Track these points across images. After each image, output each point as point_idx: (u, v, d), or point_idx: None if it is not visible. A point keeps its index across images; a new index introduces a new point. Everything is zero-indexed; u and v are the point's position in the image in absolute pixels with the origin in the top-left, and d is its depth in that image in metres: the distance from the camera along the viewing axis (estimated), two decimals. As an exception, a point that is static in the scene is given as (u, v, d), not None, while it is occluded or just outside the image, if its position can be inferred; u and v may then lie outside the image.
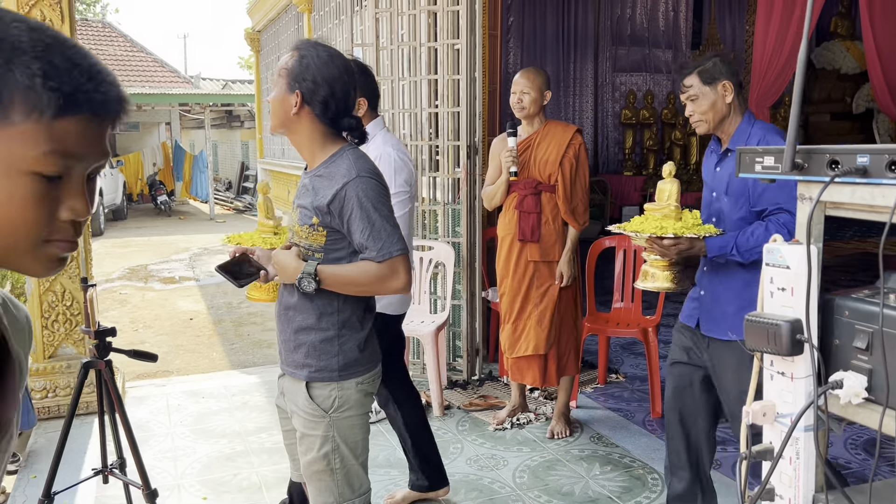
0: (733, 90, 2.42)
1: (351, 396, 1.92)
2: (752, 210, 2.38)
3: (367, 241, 1.82)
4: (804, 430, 1.13)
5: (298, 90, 1.88)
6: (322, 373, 1.91)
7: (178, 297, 8.06)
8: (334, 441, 1.91)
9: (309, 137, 1.93)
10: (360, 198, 1.83)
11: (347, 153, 1.91)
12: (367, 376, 1.97)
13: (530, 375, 3.68)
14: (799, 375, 1.14)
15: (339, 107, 1.91)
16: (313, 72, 1.88)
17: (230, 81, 22.35)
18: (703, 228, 2.37)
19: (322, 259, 1.90)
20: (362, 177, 1.85)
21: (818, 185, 1.09)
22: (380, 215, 1.83)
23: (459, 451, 3.57)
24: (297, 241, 1.95)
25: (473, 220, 4.54)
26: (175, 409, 4.20)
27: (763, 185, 2.28)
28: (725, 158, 2.48)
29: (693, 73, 2.45)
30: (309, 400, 1.91)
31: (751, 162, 1.19)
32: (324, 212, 1.87)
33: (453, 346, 4.72)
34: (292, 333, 1.95)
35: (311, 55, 1.89)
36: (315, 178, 1.92)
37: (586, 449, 3.58)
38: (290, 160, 9.63)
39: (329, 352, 1.91)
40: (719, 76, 2.41)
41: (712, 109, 2.42)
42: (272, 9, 9.90)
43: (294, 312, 1.94)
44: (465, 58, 4.40)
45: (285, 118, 1.91)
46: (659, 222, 2.40)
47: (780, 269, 1.14)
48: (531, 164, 3.56)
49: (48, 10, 3.81)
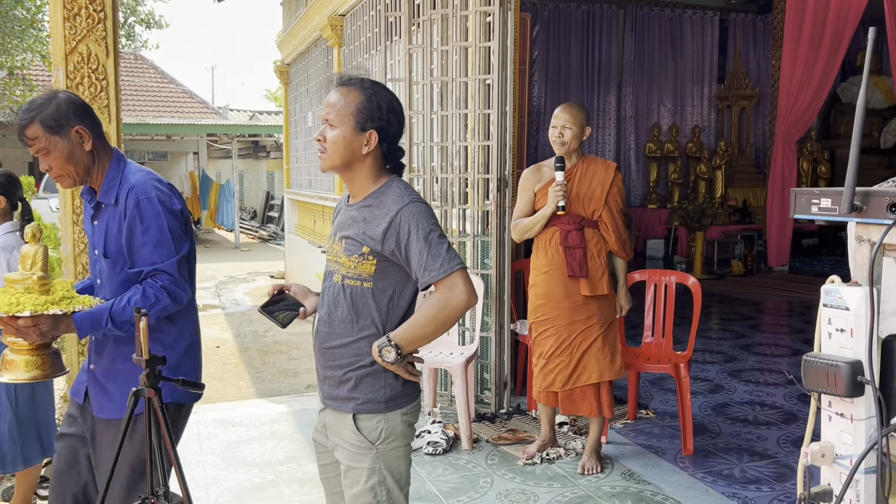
0: (89, 135, 2.12)
1: (397, 427, 1.94)
2: (130, 272, 2.11)
3: (427, 260, 1.84)
4: (864, 473, 1.13)
5: (373, 129, 1.91)
6: (369, 405, 1.92)
7: (204, 325, 8.09)
8: (381, 473, 1.92)
9: (367, 173, 1.96)
10: (416, 221, 1.86)
11: (396, 183, 1.96)
12: (410, 406, 1.98)
13: (586, 406, 3.65)
14: (859, 417, 1.13)
15: (399, 140, 1.99)
16: (385, 110, 1.92)
17: (257, 113, 22.72)
18: (78, 301, 2.03)
19: (371, 288, 1.92)
20: (415, 202, 1.90)
21: (878, 228, 1.10)
22: (436, 236, 1.87)
23: (489, 485, 3.55)
24: (343, 272, 1.95)
25: (503, 252, 4.56)
26: (206, 437, 4.22)
27: (140, 242, 2.08)
28: (100, 211, 2.18)
29: (34, 123, 2.07)
30: (356, 432, 1.92)
31: (807, 203, 1.20)
32: (377, 240, 1.89)
33: (481, 378, 4.71)
34: (337, 369, 1.95)
35: (378, 94, 1.93)
36: (364, 208, 1.95)
37: (618, 486, 3.54)
38: (316, 190, 9.73)
39: (375, 385, 1.92)
40: (67, 123, 2.08)
41: (66, 161, 2.09)
42: (302, 42, 10.08)
43: (339, 349, 1.95)
44: (497, 92, 4.45)
45: (352, 157, 1.93)
46: (16, 297, 1.96)
47: (839, 311, 1.14)
48: (573, 199, 3.59)
49: (94, 45, 3.93)
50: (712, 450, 4.00)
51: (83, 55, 3.91)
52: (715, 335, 6.71)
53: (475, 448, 4.00)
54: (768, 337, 6.80)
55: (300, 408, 4.76)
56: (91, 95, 3.94)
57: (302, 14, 9.59)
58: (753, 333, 6.85)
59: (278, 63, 12.01)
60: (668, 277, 4.32)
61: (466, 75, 4.62)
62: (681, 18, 12.74)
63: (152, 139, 19.00)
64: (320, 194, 9.32)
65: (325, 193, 9.04)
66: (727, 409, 4.69)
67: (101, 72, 3.94)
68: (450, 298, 1.84)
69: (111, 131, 4.00)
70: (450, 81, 4.70)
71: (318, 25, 8.69)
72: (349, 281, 1.94)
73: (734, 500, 3.39)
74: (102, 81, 3.96)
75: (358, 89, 1.93)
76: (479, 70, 4.53)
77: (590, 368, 3.60)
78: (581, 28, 12.28)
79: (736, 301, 8.41)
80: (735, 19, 12.91)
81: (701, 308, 4.16)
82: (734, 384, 5.22)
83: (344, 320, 1.94)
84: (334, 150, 1.92)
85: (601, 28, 12.42)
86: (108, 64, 3.97)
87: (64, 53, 3.89)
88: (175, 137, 18.35)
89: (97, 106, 3.96)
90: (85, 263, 4.02)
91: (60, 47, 3.88)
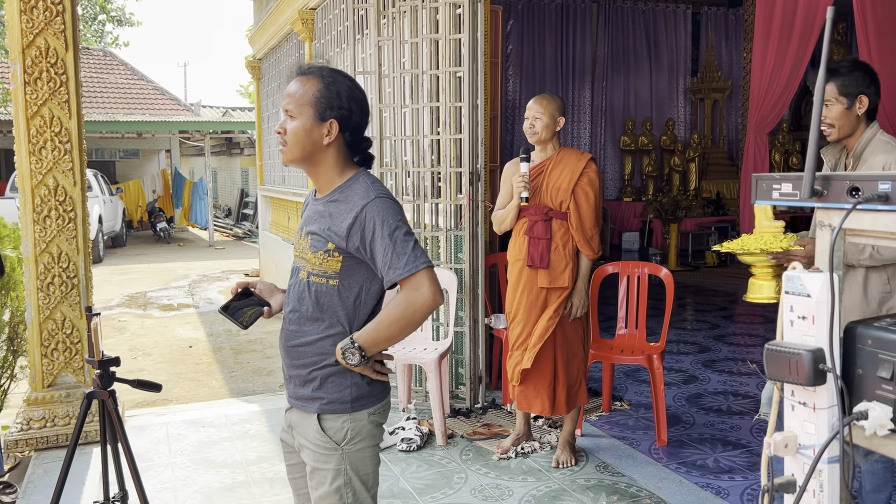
0: None
1: (363, 428, 1.88)
2: None
3: (392, 258, 1.78)
4: (828, 462, 1.11)
5: (333, 118, 1.84)
6: (334, 405, 1.87)
7: (177, 325, 8.02)
8: (346, 474, 1.86)
9: (331, 165, 1.89)
10: (382, 217, 1.80)
11: (363, 177, 1.89)
12: (378, 406, 1.92)
13: (538, 404, 3.63)
14: (821, 406, 1.11)
15: (364, 131, 1.91)
16: (346, 98, 1.84)
17: (230, 109, 22.47)
18: None
19: (337, 285, 1.86)
20: (381, 197, 1.83)
21: (838, 213, 1.08)
22: (402, 233, 1.80)
23: (464, 480, 3.52)
24: (309, 269, 1.89)
25: (476, 246, 4.53)
26: (175, 438, 4.15)
27: None
28: None
29: None
30: (321, 432, 1.86)
31: (768, 189, 1.18)
32: (342, 236, 1.83)
33: (456, 373, 4.67)
34: (302, 368, 1.90)
35: (337, 81, 1.85)
36: (330, 203, 1.88)
37: (592, 478, 3.53)
38: (290, 187, 9.64)
39: (341, 384, 1.86)
40: None
41: None
42: (273, 37, 9.97)
43: (303, 347, 1.89)
44: (468, 85, 4.41)
45: (313, 149, 1.86)
46: None
47: (801, 298, 1.12)
48: (543, 190, 3.55)
49: (52, 38, 3.83)
50: (686, 440, 4.00)
51: (41, 49, 3.81)
52: (689, 326, 6.74)
53: (450, 444, 3.97)
54: (742, 327, 6.84)
55: (273, 407, 4.69)
56: (50, 91, 3.85)
57: (273, 8, 9.48)
58: (727, 324, 6.89)
59: (250, 58, 11.87)
60: (641, 269, 4.32)
61: (437, 68, 4.58)
62: (654, 12, 12.79)
63: (123, 137, 18.73)
64: (294, 191, 9.24)
65: (299, 190, 8.95)
66: (701, 399, 4.71)
67: (60, 66, 3.85)
68: (415, 298, 1.78)
69: (72, 127, 3.91)
70: (420, 74, 4.66)
71: (288, 19, 8.59)
72: (315, 278, 1.88)
73: (707, 490, 3.39)
74: (62, 76, 3.86)
75: (317, 78, 1.86)
76: (450, 63, 4.49)
77: (536, 367, 3.57)
78: (555, 22, 12.29)
79: (710, 292, 8.47)
80: (707, 13, 12.98)
81: (675, 299, 4.16)
82: (708, 374, 5.24)
83: (309, 318, 1.88)
84: (294, 141, 1.85)
85: (575, 22, 12.44)
86: (68, 58, 3.88)
87: (21, 47, 3.79)
88: (146, 135, 18.11)
89: (57, 101, 3.87)
90: (47, 263, 3.92)
91: (17, 41, 3.78)
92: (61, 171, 3.90)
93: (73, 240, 3.95)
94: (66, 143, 3.90)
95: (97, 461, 2.72)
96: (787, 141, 12.33)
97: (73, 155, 3.93)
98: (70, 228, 3.95)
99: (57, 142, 3.88)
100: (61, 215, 3.93)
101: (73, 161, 3.93)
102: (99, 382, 1.75)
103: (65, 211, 3.94)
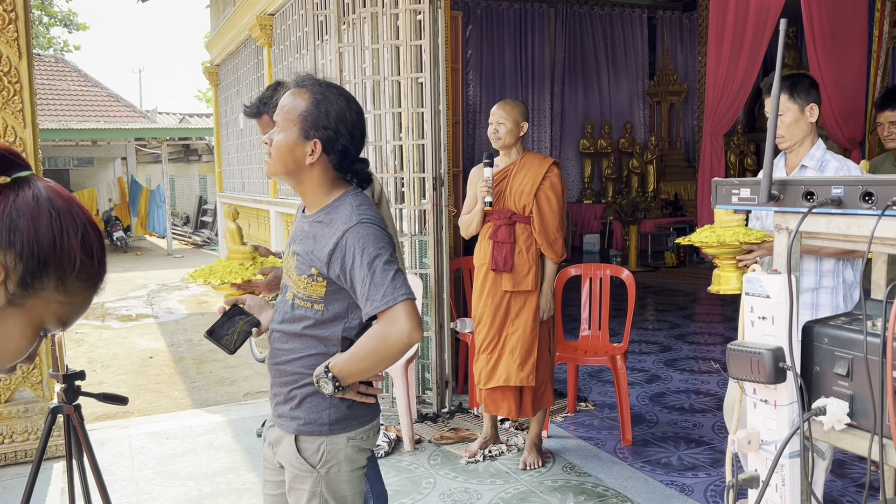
0: None
1: (340, 452, 1.82)
2: None
3: (369, 289, 1.69)
4: (789, 457, 1.15)
5: (317, 139, 1.75)
6: (311, 426, 1.81)
7: (136, 336, 7.87)
8: (322, 496, 1.81)
9: (316, 185, 1.81)
10: (362, 245, 1.72)
11: (349, 199, 1.81)
12: (360, 431, 1.85)
13: (505, 407, 3.66)
14: (782, 403, 1.15)
15: (355, 153, 1.82)
16: (333, 119, 1.75)
17: (187, 115, 22.16)
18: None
19: (322, 311, 1.80)
20: (363, 223, 1.74)
21: (794, 216, 1.12)
22: (381, 262, 1.71)
23: (432, 486, 3.53)
24: (295, 290, 1.84)
25: (441, 251, 4.55)
26: (138, 451, 4.08)
27: None
28: None
29: None
30: (296, 454, 1.82)
31: (727, 194, 1.22)
32: (323, 262, 1.76)
33: (422, 378, 4.68)
34: (284, 385, 1.85)
35: (328, 99, 1.77)
36: (315, 223, 1.82)
37: (559, 479, 3.57)
38: (250, 194, 9.55)
39: (319, 405, 1.81)
40: None
41: None
42: (230, 43, 9.87)
43: (285, 366, 1.85)
44: (430, 91, 4.44)
45: (295, 167, 1.78)
46: None
47: (761, 299, 1.16)
48: (507, 195, 3.58)
49: (5, 46, 3.74)
50: (650, 439, 4.07)
51: (-7, 57, 3.72)
52: (651, 326, 6.85)
53: (417, 449, 3.97)
54: (702, 326, 6.98)
55: (237, 416, 4.64)
56: (3, 100, 3.76)
57: (230, 14, 9.39)
58: (687, 323, 7.02)
59: (207, 64, 11.73)
60: (602, 271, 4.38)
61: (399, 74, 4.59)
62: (610, 16, 12.99)
63: (77, 144, 18.32)
64: (254, 197, 9.15)
65: (260, 196, 8.87)
66: (664, 398, 4.79)
67: (13, 75, 3.76)
68: (389, 333, 1.68)
69: (27, 137, 3.83)
70: (382, 80, 4.66)
71: (246, 25, 8.52)
72: (299, 301, 1.82)
73: (672, 487, 3.46)
74: (16, 85, 3.78)
75: (308, 92, 1.77)
76: (412, 68, 4.51)
77: (500, 370, 3.60)
78: (514, 27, 12.40)
79: (670, 292, 8.61)
80: (662, 17, 13.22)
81: (636, 300, 4.23)
82: (670, 373, 5.34)
83: (292, 337, 1.84)
84: (277, 156, 1.78)
85: (533, 27, 12.56)
86: (22, 66, 3.79)
87: (-28, 55, 3.69)
88: (101, 143, 17.73)
89: (10, 111, 3.78)
90: (2, 276, 3.83)
91: (-32, 49, 3.69)
92: (16, 181, 3.81)
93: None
94: (21, 153, 3.82)
95: (59, 477, 2.67)
96: (742, 142, 12.62)
97: (27, 165, 3.84)
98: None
99: (11, 151, 3.78)
100: (16, 226, 3.84)
101: (27, 171, 3.85)
102: (64, 397, 1.72)
103: (20, 222, 3.85)
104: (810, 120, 2.65)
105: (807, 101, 2.66)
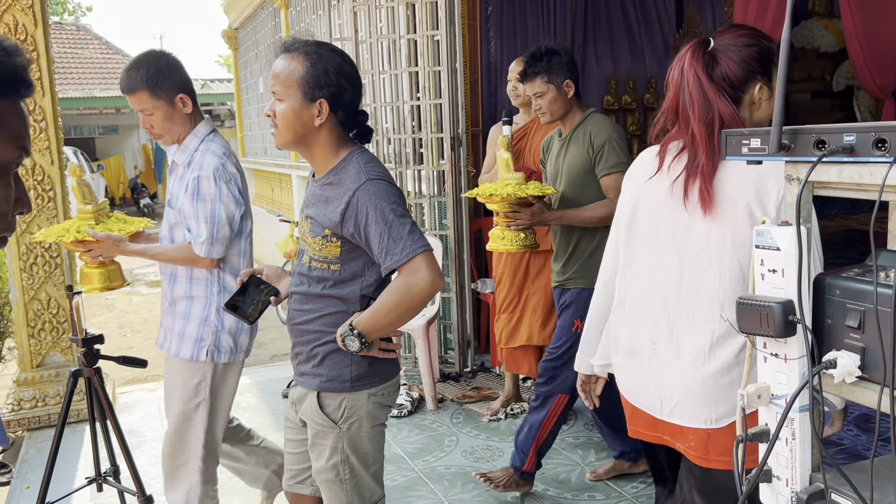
0: None
1: (362, 408, 1.85)
2: None
3: (388, 244, 1.72)
4: (799, 411, 1.13)
5: (322, 98, 1.75)
6: (333, 383, 1.84)
7: (165, 300, 8.01)
8: (343, 452, 1.85)
9: (325, 146, 1.82)
10: (374, 202, 1.73)
11: (357, 157, 1.82)
12: (381, 387, 1.88)
13: (526, 365, 3.67)
14: (792, 356, 1.13)
15: (358, 106, 1.83)
16: (334, 74, 1.75)
17: (209, 81, 22.15)
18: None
19: (339, 270, 1.82)
20: (372, 180, 1.76)
21: (805, 166, 1.09)
22: (396, 216, 1.73)
23: (455, 443, 3.57)
24: (311, 254, 1.85)
25: (460, 211, 4.53)
26: (167, 413, 4.17)
27: None
28: None
29: None
30: (318, 410, 1.85)
31: (737, 145, 1.19)
32: (336, 223, 1.77)
33: (444, 338, 4.71)
34: (306, 344, 1.88)
35: (323, 57, 1.76)
36: (326, 186, 1.83)
37: (581, 436, 3.59)
38: (273, 158, 9.57)
39: (341, 362, 1.84)
40: None
41: None
42: (248, 5, 9.81)
43: (306, 325, 1.87)
44: (446, 49, 4.37)
45: (304, 132, 1.78)
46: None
47: (771, 251, 1.13)
48: (526, 153, 3.54)
49: (20, 14, 3.75)
50: (673, 396, 4.06)
51: (9, 26, 3.74)
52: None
53: (440, 408, 4.02)
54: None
55: (264, 378, 4.72)
56: (22, 68, 3.78)
57: (247, -24, 9.32)
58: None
59: (226, 29, 11.68)
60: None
61: (414, 32, 4.53)
62: (634, -33, 12.63)
63: (101, 113, 18.48)
64: (277, 162, 9.18)
65: (282, 161, 8.90)
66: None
67: (30, 43, 3.78)
68: (412, 284, 1.71)
69: (46, 105, 3.86)
70: (398, 39, 4.61)
71: (263, -13, 8.45)
72: (316, 263, 1.84)
73: (694, 443, 3.45)
74: (32, 53, 3.79)
75: (301, 55, 1.76)
76: (427, 26, 4.44)
77: (522, 329, 3.60)
78: (534, -19, 12.12)
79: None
80: (688, -34, 12.84)
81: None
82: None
83: (312, 299, 1.87)
84: (284, 125, 1.77)
85: (555, -20, 12.27)
86: (38, 34, 3.81)
87: (-12, 25, 3.71)
88: (125, 110, 17.83)
89: (29, 79, 3.80)
90: (29, 243, 3.90)
91: (-16, 18, 3.70)
92: (37, 149, 3.86)
93: (54, 219, 3.93)
94: (41, 122, 3.85)
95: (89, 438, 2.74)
96: (769, 95, 12.30)
97: (48, 133, 3.88)
98: (50, 208, 3.93)
99: (31, 120, 3.82)
100: (40, 195, 3.90)
101: (49, 139, 3.89)
102: (84, 360, 1.76)
103: (43, 190, 3.91)
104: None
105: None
